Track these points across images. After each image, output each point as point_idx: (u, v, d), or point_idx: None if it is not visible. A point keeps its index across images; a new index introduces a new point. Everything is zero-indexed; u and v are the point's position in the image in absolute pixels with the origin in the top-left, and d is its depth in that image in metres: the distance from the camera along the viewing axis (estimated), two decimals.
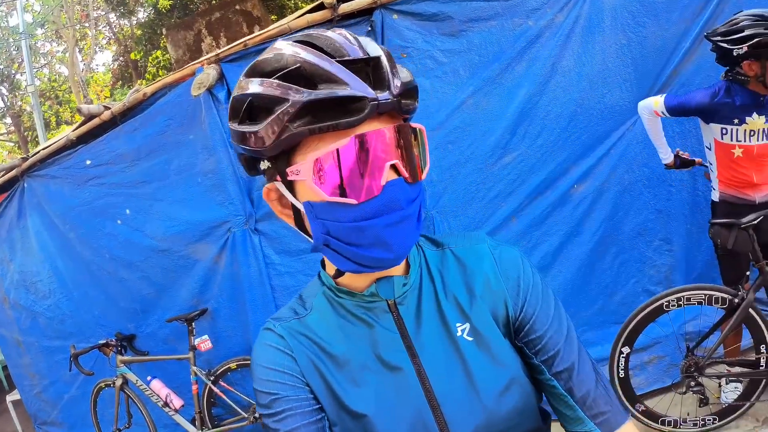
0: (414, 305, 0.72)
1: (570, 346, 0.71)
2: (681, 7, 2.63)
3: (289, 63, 0.59)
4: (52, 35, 12.72)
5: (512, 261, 0.74)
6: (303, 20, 2.56)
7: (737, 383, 2.46)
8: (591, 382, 0.70)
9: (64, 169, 3.20)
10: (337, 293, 0.73)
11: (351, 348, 0.71)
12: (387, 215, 0.60)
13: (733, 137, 2.27)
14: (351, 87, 0.57)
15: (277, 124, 0.58)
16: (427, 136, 0.67)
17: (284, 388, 0.69)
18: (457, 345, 0.70)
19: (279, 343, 0.72)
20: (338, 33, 0.63)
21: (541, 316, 0.72)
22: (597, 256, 2.74)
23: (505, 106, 2.57)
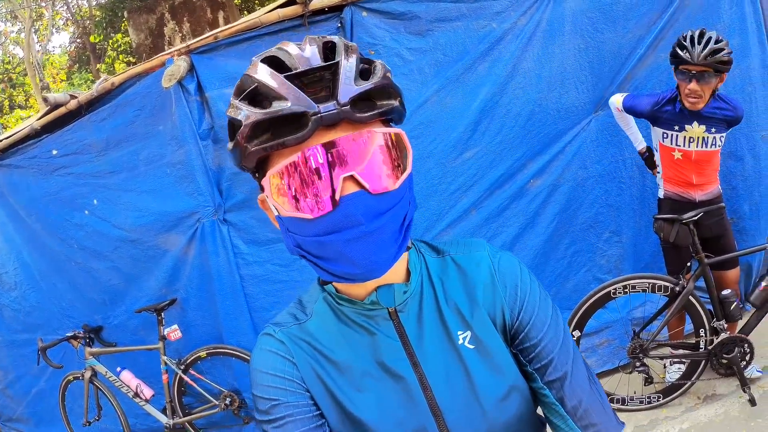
0: (415, 313, 0.71)
1: (565, 355, 0.71)
2: (638, 15, 2.78)
3: (249, 84, 0.61)
4: (6, 15, 12.10)
5: (510, 268, 0.74)
6: (274, 15, 2.60)
7: (680, 364, 2.66)
8: (584, 393, 0.70)
9: (29, 159, 3.14)
10: (337, 300, 0.72)
11: (352, 355, 0.70)
12: (347, 230, 0.59)
13: (673, 141, 2.44)
14: (290, 102, 0.57)
15: (238, 145, 0.61)
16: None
17: (284, 394, 0.69)
18: (459, 353, 0.70)
19: (279, 348, 0.71)
20: (308, 43, 0.63)
21: (536, 324, 0.71)
22: (551, 246, 2.91)
23: (468, 104, 2.69)
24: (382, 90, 0.62)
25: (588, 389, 0.71)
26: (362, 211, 0.59)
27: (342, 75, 0.58)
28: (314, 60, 0.60)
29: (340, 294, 0.71)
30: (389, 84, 0.62)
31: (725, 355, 2.40)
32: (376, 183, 0.59)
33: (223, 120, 2.65)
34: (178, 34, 6.04)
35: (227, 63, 2.66)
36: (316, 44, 0.62)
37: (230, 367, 2.91)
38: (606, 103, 2.85)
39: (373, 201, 0.59)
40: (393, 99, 0.63)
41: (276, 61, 0.62)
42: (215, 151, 2.72)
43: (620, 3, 2.78)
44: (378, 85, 0.61)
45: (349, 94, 0.58)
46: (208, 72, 2.65)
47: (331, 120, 0.57)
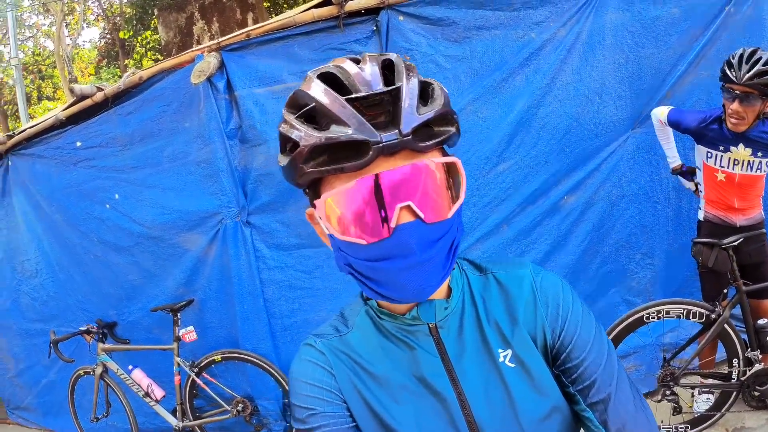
0: (455, 329, 0.71)
1: (608, 376, 0.69)
2: (680, 31, 2.71)
3: (307, 102, 0.60)
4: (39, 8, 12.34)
5: (553, 288, 0.73)
6: (308, 14, 2.55)
7: (709, 394, 2.55)
8: (628, 415, 0.68)
9: (53, 149, 3.13)
10: (379, 314, 0.73)
11: (391, 368, 0.71)
12: (400, 259, 0.60)
13: (717, 162, 2.37)
14: (353, 130, 0.57)
15: (293, 164, 0.61)
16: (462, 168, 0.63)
17: (322, 404, 0.70)
18: (499, 371, 0.69)
19: (319, 359, 0.73)
20: (366, 64, 0.62)
21: (579, 344, 0.70)
22: (582, 265, 2.81)
23: (504, 115, 2.61)
24: (443, 117, 0.62)
25: (633, 412, 0.68)
26: (416, 240, 0.59)
27: (404, 102, 0.58)
28: (375, 83, 0.60)
29: (382, 309, 0.73)
30: (449, 111, 0.62)
31: (758, 387, 2.32)
32: (430, 213, 0.60)
33: (252, 120, 2.61)
34: (206, 33, 6.07)
35: (258, 62, 2.61)
36: (376, 64, 0.62)
37: (245, 372, 2.85)
38: (644, 121, 2.78)
39: (427, 230, 0.60)
40: (451, 125, 0.63)
41: (334, 80, 0.62)
42: (242, 151, 2.67)
43: (662, 18, 2.71)
44: (439, 114, 0.61)
45: (411, 124, 0.58)
46: (238, 70, 2.61)
47: (391, 150, 0.58)
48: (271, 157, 2.62)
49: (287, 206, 2.68)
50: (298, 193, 2.53)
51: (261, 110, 2.60)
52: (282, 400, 2.84)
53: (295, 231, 2.70)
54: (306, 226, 2.66)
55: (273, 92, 2.60)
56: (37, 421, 4.06)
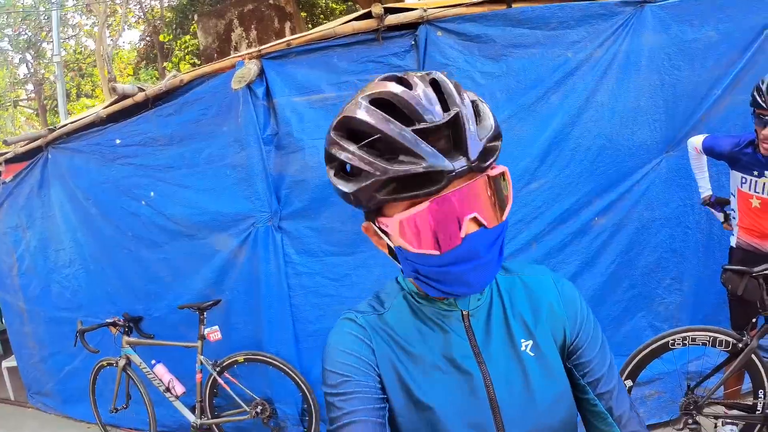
0: (484, 318, 0.80)
1: (611, 373, 0.82)
2: (717, 54, 2.68)
3: (372, 132, 0.64)
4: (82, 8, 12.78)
5: (572, 295, 0.84)
6: (348, 27, 2.61)
7: (733, 425, 2.49)
8: (626, 406, 0.81)
9: (93, 145, 3.23)
10: (418, 299, 0.81)
11: (425, 348, 0.78)
12: (468, 262, 0.68)
13: (752, 188, 2.33)
14: (428, 162, 0.62)
15: (365, 192, 0.66)
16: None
17: (357, 373, 0.76)
18: (520, 358, 0.78)
19: (360, 332, 0.80)
20: (418, 87, 0.66)
21: (591, 345, 0.81)
22: (609, 288, 2.78)
23: (538, 133, 2.61)
24: (497, 136, 0.69)
25: (629, 404, 0.81)
26: (482, 245, 0.68)
27: (467, 129, 0.63)
28: (435, 110, 0.64)
29: (420, 293, 0.80)
30: (498, 128, 0.69)
31: None
32: (492, 220, 0.68)
33: (289, 127, 2.66)
34: (244, 40, 6.22)
35: (297, 71, 2.67)
36: (429, 86, 0.66)
37: (266, 375, 2.87)
38: (677, 144, 2.75)
39: (489, 234, 0.68)
40: (499, 140, 0.69)
41: (389, 105, 0.65)
42: (277, 157, 2.72)
43: (699, 41, 2.69)
44: (496, 131, 0.68)
45: (477, 150, 0.64)
46: (277, 78, 2.67)
47: (462, 175, 0.64)
48: (306, 165, 2.66)
49: (319, 214, 2.71)
50: (331, 201, 2.56)
51: (299, 118, 2.65)
52: (301, 405, 2.86)
53: (325, 238, 2.74)
54: (337, 234, 2.71)
55: (311, 102, 2.66)
56: (56, 407, 4.15)
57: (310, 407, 2.77)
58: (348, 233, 2.69)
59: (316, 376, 2.80)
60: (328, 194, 2.66)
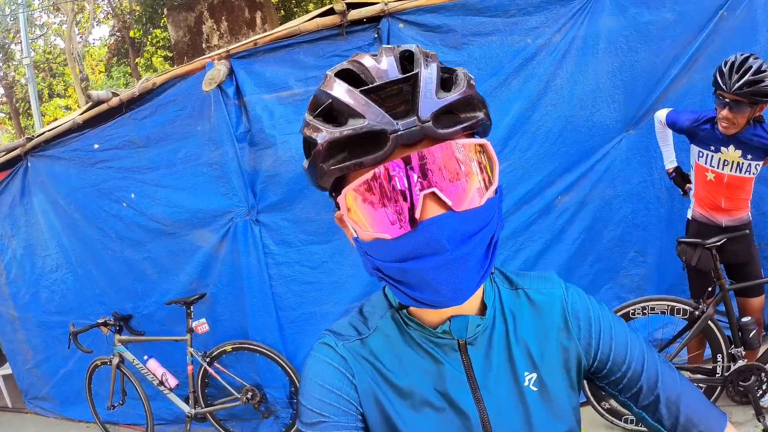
0: (484, 347, 0.69)
1: (652, 375, 0.69)
2: (673, 35, 2.77)
3: (324, 100, 0.57)
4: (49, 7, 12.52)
5: (585, 309, 0.72)
6: (313, 23, 2.68)
7: None
8: (680, 404, 0.68)
9: (71, 151, 3.28)
10: (407, 321, 0.69)
11: (415, 381, 0.68)
12: (430, 257, 0.54)
13: (708, 162, 2.43)
14: (368, 121, 0.53)
15: (313, 164, 0.58)
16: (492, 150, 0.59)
17: (336, 413, 0.66)
18: (522, 393, 0.68)
19: (340, 364, 0.68)
20: (383, 53, 0.59)
21: (617, 357, 0.70)
22: (575, 263, 2.92)
23: (500, 119, 2.72)
24: (466, 101, 0.57)
25: (683, 401, 0.68)
26: (447, 235, 0.54)
27: (422, 87, 0.54)
28: (392, 72, 0.56)
29: (411, 316, 0.69)
30: (473, 94, 0.57)
31: (741, 382, 2.38)
32: (460, 200, 0.55)
33: (260, 124, 2.74)
34: (215, 32, 6.19)
35: (266, 69, 2.74)
36: (393, 54, 0.58)
37: (254, 362, 3.00)
38: (637, 123, 2.86)
39: (459, 222, 0.54)
40: (478, 111, 0.58)
41: (351, 75, 0.58)
42: (251, 153, 2.81)
43: (655, 22, 2.77)
44: (461, 97, 0.55)
45: (430, 109, 0.53)
46: (246, 77, 2.74)
47: (411, 138, 0.53)
48: (278, 160, 2.76)
49: (294, 205, 2.82)
50: (305, 193, 2.68)
51: (269, 115, 2.74)
52: (289, 389, 2.99)
53: (301, 228, 2.84)
54: (312, 223, 2.82)
55: (280, 98, 2.74)
56: (54, 410, 4.22)
57: (297, 389, 2.90)
58: (322, 222, 2.80)
59: (301, 360, 2.93)
60: (301, 186, 2.76)
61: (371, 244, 0.59)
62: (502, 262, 2.82)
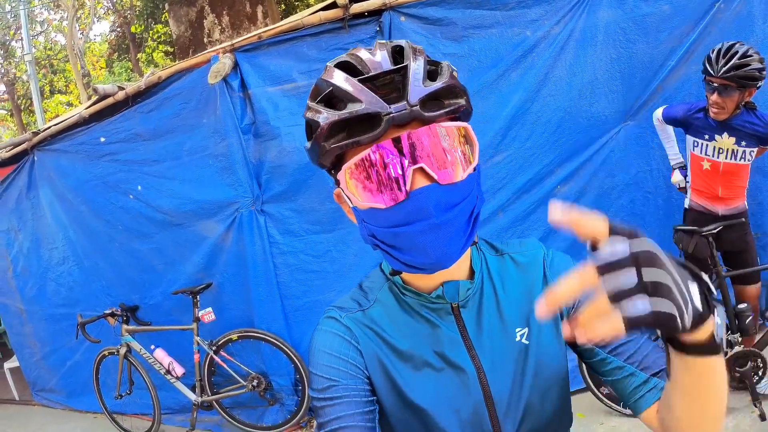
0: (475, 309, 0.75)
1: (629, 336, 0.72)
2: (670, 27, 2.80)
3: (325, 88, 0.66)
4: (50, 3, 12.53)
5: (563, 264, 0.78)
6: (316, 17, 2.72)
7: None
8: (646, 351, 0.72)
9: (78, 145, 3.33)
10: (403, 290, 0.76)
11: (414, 344, 0.74)
12: (418, 222, 0.62)
13: (703, 151, 2.48)
14: (364, 105, 0.61)
15: (315, 144, 0.66)
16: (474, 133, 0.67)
17: (344, 376, 0.72)
18: (514, 348, 0.74)
19: (345, 333, 0.75)
20: (378, 48, 0.68)
21: None
22: (575, 252, 2.88)
23: (500, 110, 2.77)
24: (449, 90, 0.65)
25: (649, 348, 0.72)
26: (433, 203, 0.62)
27: (411, 77, 0.62)
28: (385, 64, 0.65)
29: (406, 285, 0.75)
30: (455, 84, 0.66)
31: (738, 368, 2.41)
32: (444, 175, 0.63)
33: (265, 116, 2.79)
34: (217, 26, 6.21)
35: (270, 62, 2.79)
36: (386, 49, 0.67)
37: (259, 350, 3.06)
38: (635, 114, 2.90)
39: (443, 193, 0.63)
40: (459, 98, 0.67)
41: (349, 66, 0.67)
42: (256, 145, 2.86)
43: (653, 14, 2.80)
44: (445, 86, 0.64)
45: (418, 95, 0.62)
46: (251, 70, 2.79)
47: (402, 119, 0.61)
48: (283, 151, 2.81)
49: (298, 196, 2.87)
50: (309, 183, 2.75)
51: (273, 107, 2.78)
52: (294, 376, 3.05)
53: (306, 218, 2.90)
54: (316, 213, 2.88)
55: (284, 90, 2.78)
56: (61, 402, 4.28)
57: (302, 377, 2.97)
58: (326, 212, 2.85)
59: (306, 348, 2.99)
60: (306, 177, 2.81)
61: (368, 213, 0.66)
62: None
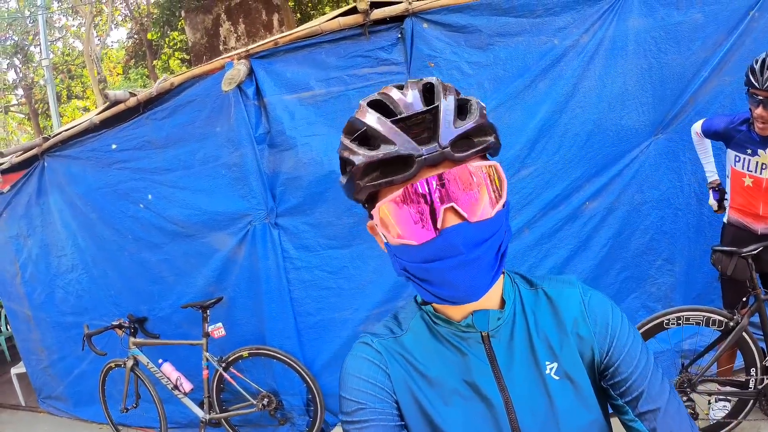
0: (506, 339, 0.75)
1: (657, 389, 0.73)
2: (703, 36, 2.69)
3: (359, 127, 0.68)
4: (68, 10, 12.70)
5: (602, 307, 0.77)
6: (335, 23, 2.63)
7: (726, 402, 2.54)
8: (677, 425, 0.71)
9: (88, 152, 3.27)
10: (434, 319, 0.77)
11: (444, 372, 0.75)
12: (449, 259, 0.64)
13: (745, 166, 2.34)
14: (397, 146, 0.63)
15: (351, 181, 0.68)
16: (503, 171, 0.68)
17: (373, 400, 0.73)
18: (545, 382, 0.73)
19: (375, 357, 0.77)
20: (408, 89, 0.69)
21: (627, 359, 0.74)
22: (602, 270, 2.84)
23: (526, 121, 2.65)
24: (479, 128, 0.67)
25: (679, 422, 0.72)
26: (462, 241, 0.64)
27: (442, 118, 0.64)
28: (416, 104, 0.67)
29: (438, 314, 0.76)
30: (485, 122, 0.68)
31: None
32: (473, 213, 0.65)
33: (281, 125, 2.70)
34: (233, 34, 6.21)
35: (286, 69, 2.70)
36: (417, 87, 0.69)
37: (270, 368, 2.95)
38: (666, 127, 2.78)
39: (472, 230, 0.65)
40: (489, 135, 0.68)
41: (381, 105, 0.69)
42: (270, 155, 2.76)
43: (685, 23, 2.69)
44: (475, 125, 0.66)
45: (449, 137, 0.63)
46: (267, 77, 2.70)
47: (433, 161, 0.63)
48: (299, 162, 2.71)
49: (314, 209, 2.76)
50: (325, 196, 2.63)
51: (289, 116, 2.69)
52: (306, 396, 2.93)
53: (321, 233, 2.79)
54: (333, 227, 2.77)
55: (301, 99, 2.69)
56: (67, 410, 4.23)
57: (314, 397, 2.85)
58: (343, 227, 2.74)
59: (319, 367, 2.87)
60: (322, 190, 2.71)
61: (400, 248, 0.68)
62: (528, 270, 2.75)
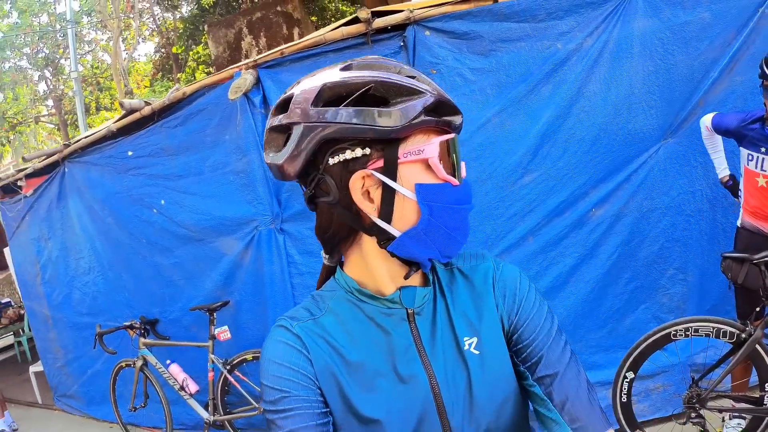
0: (429, 317, 0.75)
1: (556, 356, 0.74)
2: (711, 36, 2.61)
3: (359, 87, 0.65)
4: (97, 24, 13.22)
5: (511, 276, 0.79)
6: (338, 32, 2.68)
7: (740, 419, 2.44)
8: (571, 390, 0.72)
9: (106, 158, 3.39)
10: (359, 296, 0.75)
11: (366, 353, 0.73)
12: (468, 205, 0.72)
13: (758, 165, 2.26)
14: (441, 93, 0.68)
15: (413, 110, 0.65)
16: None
17: (296, 387, 0.70)
18: (464, 357, 0.73)
19: (295, 342, 0.72)
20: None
21: (530, 326, 0.75)
22: (610, 279, 2.77)
23: (529, 126, 2.63)
24: None
25: (576, 387, 0.72)
26: (471, 193, 0.74)
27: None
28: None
29: (363, 289, 0.74)
30: None
31: None
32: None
33: None
34: (254, 48, 6.35)
35: (292, 78, 2.75)
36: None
37: None
38: (675, 130, 2.71)
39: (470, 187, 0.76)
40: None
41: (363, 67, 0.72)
42: None
43: (692, 23, 2.62)
44: None
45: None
46: (273, 86, 2.76)
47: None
48: None
49: None
50: None
51: None
52: None
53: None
54: None
55: None
56: (81, 409, 4.34)
57: None
58: None
59: None
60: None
61: (436, 190, 0.68)
62: (532, 278, 2.70)
